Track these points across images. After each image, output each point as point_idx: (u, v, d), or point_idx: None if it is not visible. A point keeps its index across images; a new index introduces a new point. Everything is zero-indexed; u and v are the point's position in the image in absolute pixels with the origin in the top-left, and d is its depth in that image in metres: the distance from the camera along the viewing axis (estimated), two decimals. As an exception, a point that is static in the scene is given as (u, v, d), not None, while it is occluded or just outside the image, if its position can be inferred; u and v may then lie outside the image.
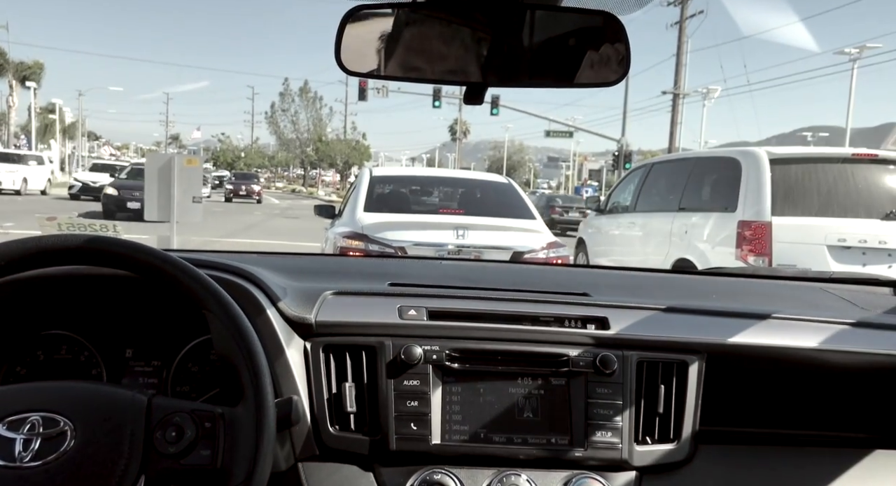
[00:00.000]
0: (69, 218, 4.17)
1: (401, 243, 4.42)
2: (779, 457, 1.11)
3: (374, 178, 5.45)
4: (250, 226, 16.85)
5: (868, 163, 4.91)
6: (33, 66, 39.89)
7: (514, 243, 4.56)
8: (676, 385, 1.08)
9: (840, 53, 25.79)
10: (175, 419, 0.82)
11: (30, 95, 40.40)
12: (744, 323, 1.16)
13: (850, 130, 26.30)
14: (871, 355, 1.14)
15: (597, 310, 1.15)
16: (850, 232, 4.65)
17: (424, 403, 1.03)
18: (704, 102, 30.75)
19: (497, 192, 5.65)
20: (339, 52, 0.95)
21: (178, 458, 0.80)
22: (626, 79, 0.97)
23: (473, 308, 1.14)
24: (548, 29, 0.96)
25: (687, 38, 22.52)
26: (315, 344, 1.06)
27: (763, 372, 1.15)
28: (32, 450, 0.77)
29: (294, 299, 1.11)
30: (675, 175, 6.35)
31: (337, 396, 1.04)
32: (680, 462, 1.07)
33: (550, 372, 1.07)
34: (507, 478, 1.00)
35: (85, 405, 0.82)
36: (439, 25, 0.97)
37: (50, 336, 1.17)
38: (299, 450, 1.01)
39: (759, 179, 4.80)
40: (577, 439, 1.04)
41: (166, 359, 1.17)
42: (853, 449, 1.13)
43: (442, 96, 24.31)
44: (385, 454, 1.02)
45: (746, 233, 4.79)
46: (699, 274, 1.98)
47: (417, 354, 1.03)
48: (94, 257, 0.90)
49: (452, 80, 1.01)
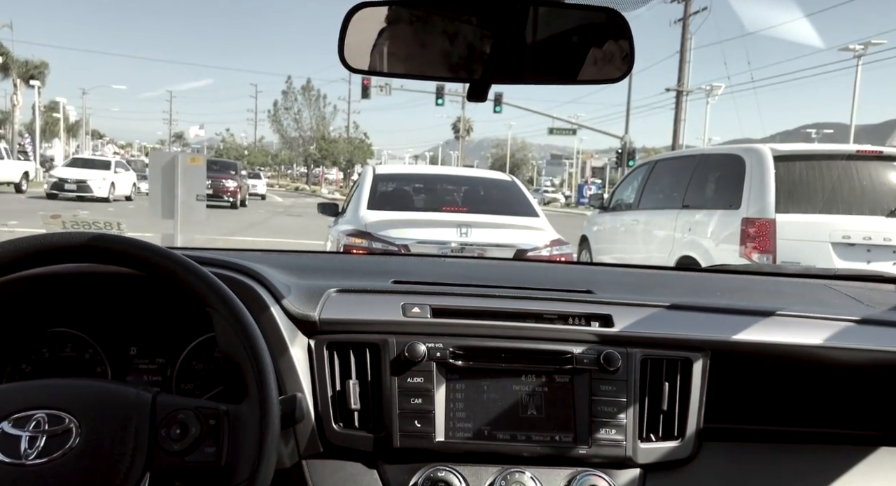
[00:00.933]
0: (74, 216, 4.19)
1: (404, 241, 4.42)
2: (783, 454, 1.11)
3: (378, 175, 5.45)
4: (253, 224, 16.87)
5: (872, 160, 4.89)
6: (39, 66, 39.92)
7: (518, 241, 4.56)
8: (680, 383, 1.08)
9: (845, 50, 25.72)
10: (179, 416, 0.82)
11: (34, 93, 40.47)
12: (748, 320, 1.16)
13: (854, 126, 26.23)
14: (875, 352, 1.14)
15: (600, 307, 1.15)
16: (855, 229, 4.64)
17: (428, 400, 1.03)
18: (708, 99, 30.71)
19: (500, 189, 5.64)
20: (343, 49, 0.95)
21: (183, 455, 0.81)
22: (629, 76, 0.97)
23: (477, 306, 1.14)
24: (551, 25, 0.95)
25: (690, 35, 22.46)
26: (319, 341, 1.06)
27: (767, 369, 1.15)
28: (38, 447, 0.78)
29: (298, 296, 1.11)
30: (678, 172, 6.33)
31: (341, 393, 1.04)
32: (684, 460, 1.06)
33: (554, 369, 1.06)
34: (511, 475, 1.00)
35: (90, 403, 0.82)
36: (443, 22, 0.97)
37: (55, 334, 1.17)
38: (303, 447, 1.01)
39: (764, 176, 4.79)
40: (581, 436, 1.04)
41: (171, 357, 1.17)
42: (858, 446, 1.13)
43: (445, 94, 24.32)
44: (389, 451, 1.02)
45: (750, 230, 4.78)
46: (703, 271, 1.98)
47: (421, 351, 1.03)
48: (98, 255, 0.90)
49: (456, 77, 1.01)
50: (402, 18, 0.96)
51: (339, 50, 0.95)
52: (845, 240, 4.64)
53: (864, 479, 1.09)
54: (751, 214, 4.81)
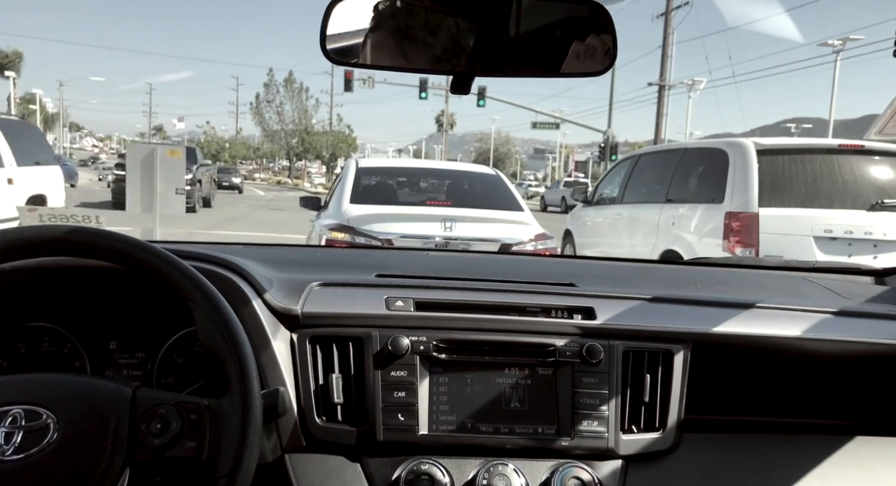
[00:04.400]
0: (51, 209, 4.13)
1: (388, 236, 4.39)
2: (763, 445, 1.12)
3: (361, 169, 5.41)
4: (234, 218, 16.74)
5: (854, 154, 4.94)
6: (11, 56, 39.19)
7: (503, 235, 4.56)
8: (662, 374, 1.09)
9: (824, 45, 25.98)
10: (160, 410, 0.81)
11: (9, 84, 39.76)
12: (728, 312, 1.17)
13: (833, 121, 26.55)
14: (852, 344, 1.16)
15: (583, 300, 1.16)
16: (837, 223, 4.69)
17: (412, 393, 1.03)
18: (690, 93, 30.93)
19: (485, 183, 5.63)
20: (325, 41, 0.94)
21: (164, 450, 0.80)
22: (612, 70, 0.98)
23: (460, 299, 1.14)
24: (535, 18, 0.95)
25: (672, 30, 22.60)
26: (301, 335, 1.06)
27: (747, 361, 1.16)
28: (14, 443, 0.77)
29: (280, 290, 1.10)
30: (662, 166, 6.37)
31: (324, 387, 1.04)
32: (665, 451, 1.07)
33: (537, 362, 1.07)
34: (494, 468, 1.00)
35: (68, 398, 0.81)
36: (426, 14, 0.96)
37: (32, 328, 1.15)
38: (286, 441, 1.01)
39: (747, 170, 4.82)
40: (563, 428, 1.04)
41: (151, 351, 1.16)
42: (836, 436, 1.15)
43: (428, 88, 24.24)
44: (372, 444, 1.02)
45: (734, 224, 4.82)
46: (684, 264, 1.99)
47: (404, 344, 1.03)
48: (76, 248, 0.89)
49: (439, 69, 1.01)
50: (385, 10, 0.96)
51: (321, 42, 0.94)
52: (827, 234, 4.69)
53: (842, 468, 1.11)
54: (734, 209, 4.84)
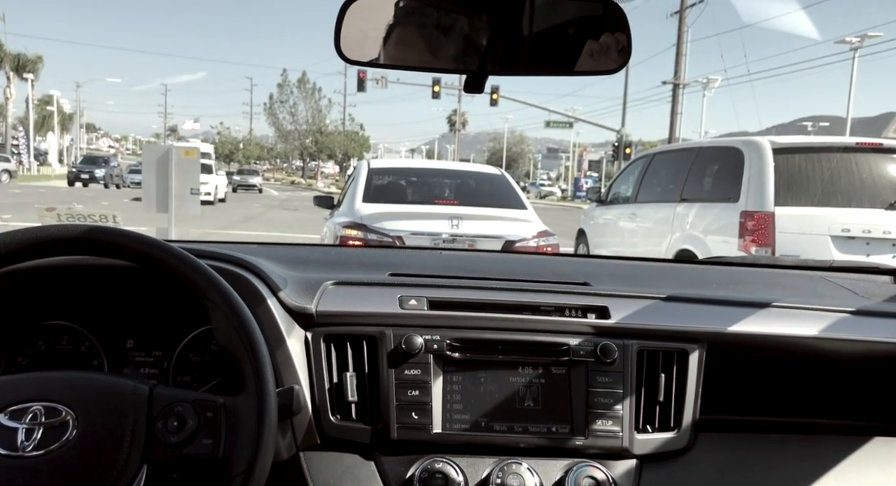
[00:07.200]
0: (69, 208, 4.17)
1: (398, 233, 4.57)
2: (779, 445, 1.11)
3: (372, 169, 5.59)
4: (249, 218, 16.84)
5: (872, 152, 4.87)
6: (33, 59, 39.67)
7: (506, 233, 4.74)
8: (677, 374, 1.08)
9: (841, 42, 25.65)
10: (177, 408, 0.82)
11: (27, 86, 40.22)
12: (744, 312, 1.16)
13: (850, 119, 26.23)
14: (870, 343, 1.14)
15: (597, 299, 1.15)
16: (854, 222, 4.63)
17: (425, 392, 1.03)
18: (705, 92, 30.65)
19: (490, 183, 5.84)
20: (339, 41, 0.94)
21: (180, 447, 0.80)
22: (626, 68, 0.97)
23: (474, 298, 1.14)
24: (548, 16, 0.95)
25: (687, 28, 22.43)
26: (316, 334, 1.06)
27: (763, 361, 1.16)
28: (35, 439, 0.78)
29: (294, 289, 1.11)
30: (676, 165, 6.32)
31: (338, 385, 1.04)
32: (680, 451, 1.07)
33: (551, 361, 1.07)
34: (508, 467, 1.00)
35: (87, 395, 0.82)
36: (439, 13, 0.96)
37: (51, 327, 1.17)
38: (301, 439, 1.01)
39: (762, 169, 4.77)
40: (577, 427, 1.04)
41: (167, 349, 1.17)
42: (853, 437, 1.14)
43: (441, 87, 24.24)
44: (386, 442, 1.02)
45: (749, 223, 4.77)
46: (699, 263, 1.98)
47: (418, 343, 1.04)
48: (94, 247, 0.90)
49: (452, 68, 1.00)
50: (399, 9, 0.96)
51: (335, 42, 0.94)
52: (844, 233, 4.63)
53: (859, 469, 1.10)
54: (750, 208, 4.79)
